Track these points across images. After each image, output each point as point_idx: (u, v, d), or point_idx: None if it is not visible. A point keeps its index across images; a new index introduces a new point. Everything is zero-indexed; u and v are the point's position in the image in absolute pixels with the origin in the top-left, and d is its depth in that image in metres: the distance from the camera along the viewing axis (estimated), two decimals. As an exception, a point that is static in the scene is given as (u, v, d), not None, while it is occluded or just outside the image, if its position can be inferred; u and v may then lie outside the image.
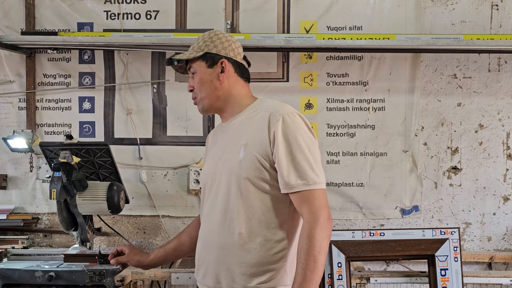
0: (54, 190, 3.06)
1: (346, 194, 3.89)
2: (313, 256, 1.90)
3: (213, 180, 2.18)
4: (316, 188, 2.00)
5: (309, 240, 1.93)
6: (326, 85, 3.90)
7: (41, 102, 3.99)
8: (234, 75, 2.22)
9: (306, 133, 2.05)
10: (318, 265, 1.91)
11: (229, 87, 2.21)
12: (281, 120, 2.03)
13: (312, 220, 1.96)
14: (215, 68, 2.19)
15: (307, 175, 1.99)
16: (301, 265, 1.91)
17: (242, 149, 2.07)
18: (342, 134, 3.90)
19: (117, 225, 3.94)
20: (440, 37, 3.66)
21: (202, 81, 2.20)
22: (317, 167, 2.02)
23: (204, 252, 2.18)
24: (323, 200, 2.01)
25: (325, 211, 2.00)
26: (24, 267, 3.00)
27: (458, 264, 3.11)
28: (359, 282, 3.21)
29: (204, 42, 2.21)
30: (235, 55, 2.23)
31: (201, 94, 2.22)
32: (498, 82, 3.85)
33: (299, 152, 2.00)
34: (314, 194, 1.99)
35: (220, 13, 3.90)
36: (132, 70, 3.94)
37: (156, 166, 3.94)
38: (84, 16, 3.94)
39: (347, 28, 3.86)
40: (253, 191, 2.05)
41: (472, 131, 3.87)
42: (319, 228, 1.94)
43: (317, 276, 1.90)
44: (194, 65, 2.21)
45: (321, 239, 1.93)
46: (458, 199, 3.88)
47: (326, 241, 1.95)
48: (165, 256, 2.44)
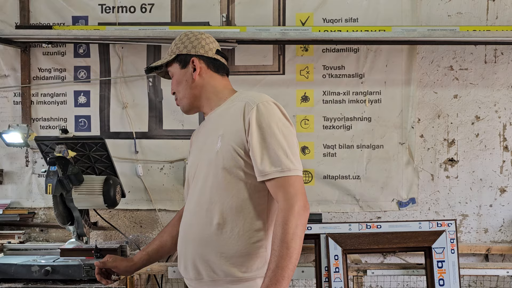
0: (50, 184, 3.05)
1: (342, 187, 3.89)
2: (286, 243, 1.89)
3: (194, 173, 2.19)
4: (291, 175, 1.96)
5: (283, 227, 1.91)
6: (322, 77, 3.89)
7: (36, 97, 3.97)
8: (207, 71, 2.25)
9: (280, 120, 2.04)
10: (291, 252, 1.89)
11: (203, 84, 2.24)
12: (255, 108, 2.03)
13: (286, 207, 1.93)
14: (187, 68, 2.24)
15: (281, 162, 1.96)
16: (274, 252, 1.90)
17: (219, 139, 2.08)
18: (338, 126, 3.89)
19: (114, 219, 3.94)
20: (436, 28, 3.65)
21: (178, 82, 2.27)
22: (292, 154, 2.00)
23: (183, 244, 2.18)
24: (298, 187, 1.97)
25: (301, 199, 1.95)
26: (20, 262, 2.99)
27: (455, 256, 3.11)
28: (356, 274, 3.21)
29: (176, 45, 2.27)
30: (206, 51, 2.26)
31: (179, 94, 2.28)
32: (495, 74, 3.85)
33: (273, 139, 1.99)
34: (289, 181, 1.96)
35: (215, 6, 3.89)
36: (127, 64, 3.93)
37: (152, 160, 3.94)
38: (79, 10, 3.92)
39: (343, 20, 3.85)
40: (230, 181, 2.05)
41: (468, 123, 3.87)
42: (293, 215, 1.91)
43: (290, 263, 1.89)
44: (170, 68, 2.30)
45: (294, 226, 1.90)
46: (454, 191, 3.88)
47: (301, 228, 1.93)
48: (148, 259, 2.47)
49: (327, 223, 3.29)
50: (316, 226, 3.23)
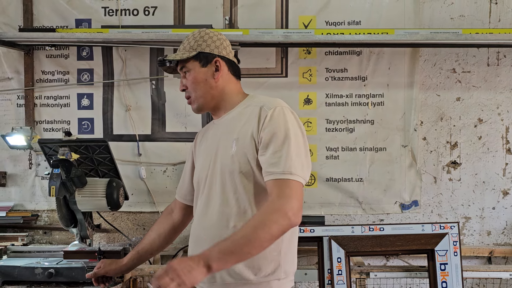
0: (53, 187, 3.06)
1: (345, 190, 3.89)
2: (251, 233, 1.83)
3: (206, 176, 2.18)
4: (292, 179, 1.94)
5: (263, 216, 1.86)
6: (325, 80, 3.89)
7: (39, 99, 3.98)
8: (227, 73, 2.23)
9: (293, 127, 2.04)
10: (252, 246, 1.83)
11: (223, 85, 2.21)
12: (271, 111, 2.04)
13: (276, 203, 1.89)
14: (209, 67, 2.19)
15: (284, 165, 1.95)
16: (240, 232, 1.85)
17: (234, 143, 2.08)
18: (341, 129, 3.89)
19: (117, 222, 3.94)
20: (438, 31, 3.65)
21: (197, 81, 2.20)
22: (297, 161, 1.98)
23: (197, 247, 2.16)
24: (296, 192, 1.93)
25: (295, 203, 1.90)
26: (24, 264, 3.00)
27: (457, 259, 3.12)
28: (359, 277, 3.21)
29: (196, 42, 2.20)
30: (228, 53, 2.24)
31: (196, 93, 2.21)
32: (497, 76, 3.84)
33: (282, 143, 1.99)
34: (288, 183, 1.93)
35: (218, 9, 3.90)
36: (130, 66, 3.94)
37: (155, 162, 3.94)
38: (82, 13, 3.93)
39: (345, 23, 3.86)
40: (246, 185, 2.06)
41: (471, 126, 3.87)
42: (279, 211, 1.86)
43: (240, 253, 1.83)
44: (188, 64, 2.21)
45: (270, 224, 1.84)
46: (457, 193, 3.88)
47: (275, 229, 1.85)
48: (139, 258, 2.50)
49: (330, 226, 3.30)
50: (319, 229, 3.24)
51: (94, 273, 2.49)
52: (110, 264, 2.50)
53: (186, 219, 2.54)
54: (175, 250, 3.77)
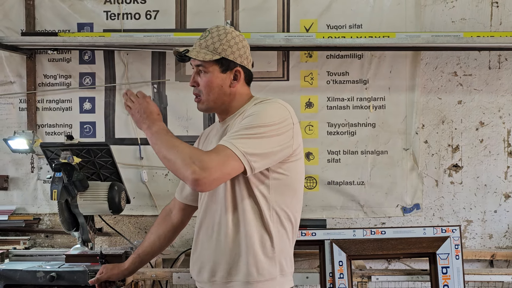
0: (55, 190, 3.06)
1: (347, 193, 3.89)
2: (172, 145, 2.09)
3: None
4: (230, 148, 1.92)
5: (190, 153, 1.96)
6: (326, 83, 3.89)
7: (41, 103, 3.99)
8: (243, 82, 2.23)
9: (276, 114, 2.04)
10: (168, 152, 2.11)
11: (236, 93, 2.21)
12: (260, 102, 2.12)
13: (202, 157, 1.92)
14: (228, 74, 2.17)
15: (235, 139, 1.95)
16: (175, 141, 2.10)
17: None
18: (342, 132, 3.89)
19: (119, 225, 3.94)
20: (440, 34, 3.66)
21: (213, 84, 2.17)
22: (251, 141, 1.96)
23: (200, 247, 2.20)
24: (222, 157, 1.91)
25: (213, 163, 1.90)
26: (25, 268, 3.00)
27: (459, 262, 3.11)
28: (360, 280, 3.21)
29: (221, 44, 2.15)
30: (248, 63, 2.23)
31: (208, 96, 2.19)
32: (499, 80, 3.85)
33: (252, 122, 1.99)
34: (221, 148, 1.94)
35: (220, 13, 3.90)
36: (132, 70, 3.94)
37: (157, 166, 3.94)
38: (84, 17, 3.94)
39: (347, 27, 3.86)
40: (244, 185, 2.07)
41: (472, 129, 3.87)
42: (193, 164, 1.90)
43: (162, 148, 2.18)
44: (207, 65, 2.15)
45: (182, 160, 1.96)
46: (459, 197, 3.88)
47: (175, 165, 2.01)
48: (140, 261, 2.54)
49: (331, 229, 3.29)
50: (320, 232, 3.24)
51: (97, 279, 2.52)
52: (112, 269, 2.53)
53: (185, 219, 2.55)
54: (176, 254, 3.77)
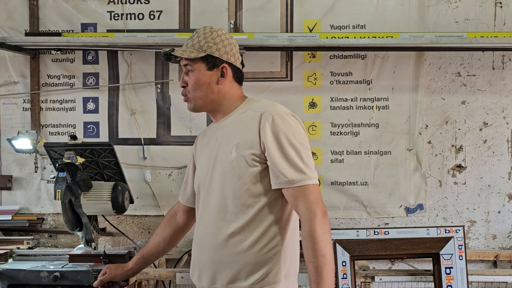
0: (58, 190, 3.06)
1: (350, 193, 3.89)
2: (320, 251, 1.91)
3: (205, 181, 2.18)
4: (310, 184, 1.99)
5: (312, 237, 1.93)
6: (329, 84, 3.89)
7: (45, 103, 4.00)
8: (231, 80, 2.21)
9: (296, 131, 2.06)
10: (328, 259, 1.92)
11: (225, 91, 2.19)
12: (271, 119, 2.04)
13: (309, 216, 1.95)
14: (215, 71, 2.16)
15: (301, 171, 1.99)
16: (312, 264, 1.92)
17: (234, 149, 2.08)
18: (346, 133, 3.89)
19: (122, 225, 3.95)
20: (443, 35, 3.65)
21: (200, 82, 2.16)
22: (309, 163, 2.03)
23: (198, 253, 2.19)
24: (317, 194, 2.00)
25: (321, 206, 1.98)
26: (29, 268, 3.00)
27: (463, 263, 3.11)
28: (363, 281, 3.21)
29: (206, 42, 2.16)
30: (235, 61, 2.22)
31: (195, 94, 2.19)
32: (502, 80, 3.84)
33: (290, 149, 2.00)
34: (309, 189, 1.99)
35: (223, 13, 3.91)
36: (135, 70, 3.95)
37: (160, 166, 3.95)
38: (88, 17, 3.95)
39: (350, 27, 3.86)
40: (245, 191, 2.06)
41: (476, 129, 3.86)
42: (317, 224, 1.94)
43: (330, 270, 1.92)
44: (193, 64, 2.16)
45: (322, 233, 1.93)
46: (462, 197, 3.87)
47: (328, 234, 1.96)
48: (144, 262, 2.52)
49: (335, 229, 3.29)
50: (323, 232, 3.23)
51: (100, 280, 2.51)
52: (115, 269, 2.52)
53: (190, 222, 2.54)
54: (180, 254, 3.77)
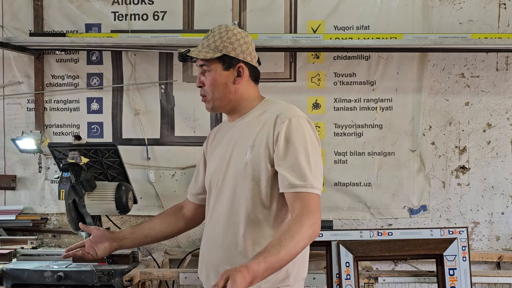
0: (62, 190, 3.07)
1: (353, 194, 3.88)
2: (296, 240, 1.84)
3: (218, 180, 2.18)
4: (311, 192, 1.98)
5: (298, 226, 1.87)
6: (333, 85, 3.89)
7: (49, 103, 4.00)
8: (248, 79, 2.22)
9: (310, 138, 2.06)
10: (292, 251, 1.84)
11: (242, 91, 2.20)
12: (287, 122, 2.04)
13: (303, 214, 1.92)
14: (231, 71, 2.17)
15: (306, 178, 1.98)
16: (279, 240, 1.84)
17: (249, 150, 2.07)
18: (349, 133, 3.89)
19: (126, 225, 3.95)
20: (447, 36, 3.65)
21: (217, 83, 2.17)
22: (317, 173, 2.02)
23: (207, 253, 2.19)
24: (316, 205, 1.98)
25: (317, 215, 1.96)
26: (33, 267, 3.02)
27: (466, 264, 3.11)
28: (367, 281, 3.21)
29: (222, 42, 2.15)
30: (252, 59, 2.22)
31: (213, 94, 2.19)
32: (506, 81, 3.84)
33: (301, 155, 2.00)
34: (309, 197, 1.97)
35: (227, 14, 3.91)
36: (139, 71, 3.95)
37: (164, 166, 3.95)
38: (92, 17, 3.95)
39: (354, 28, 3.86)
40: (257, 193, 2.06)
41: (480, 130, 3.86)
42: (307, 223, 1.90)
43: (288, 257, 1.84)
44: (210, 64, 2.16)
45: (305, 232, 1.88)
46: (466, 198, 3.87)
47: (307, 239, 1.90)
48: (131, 233, 2.45)
49: (338, 230, 3.29)
50: (327, 233, 3.23)
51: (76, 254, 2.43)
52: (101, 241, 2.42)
53: (198, 218, 2.52)
54: (183, 254, 3.78)
